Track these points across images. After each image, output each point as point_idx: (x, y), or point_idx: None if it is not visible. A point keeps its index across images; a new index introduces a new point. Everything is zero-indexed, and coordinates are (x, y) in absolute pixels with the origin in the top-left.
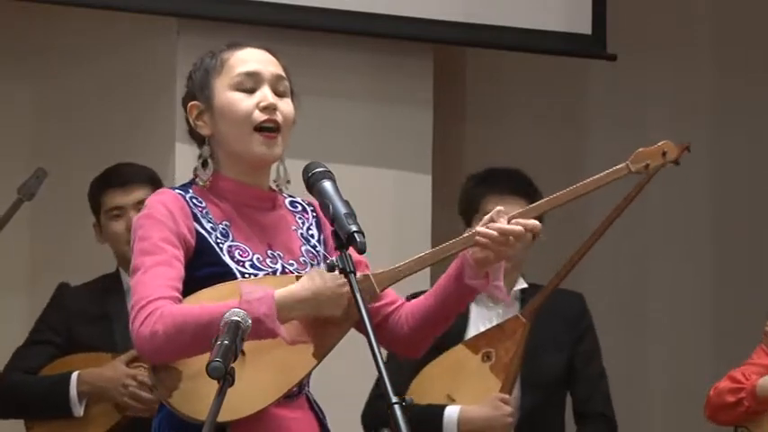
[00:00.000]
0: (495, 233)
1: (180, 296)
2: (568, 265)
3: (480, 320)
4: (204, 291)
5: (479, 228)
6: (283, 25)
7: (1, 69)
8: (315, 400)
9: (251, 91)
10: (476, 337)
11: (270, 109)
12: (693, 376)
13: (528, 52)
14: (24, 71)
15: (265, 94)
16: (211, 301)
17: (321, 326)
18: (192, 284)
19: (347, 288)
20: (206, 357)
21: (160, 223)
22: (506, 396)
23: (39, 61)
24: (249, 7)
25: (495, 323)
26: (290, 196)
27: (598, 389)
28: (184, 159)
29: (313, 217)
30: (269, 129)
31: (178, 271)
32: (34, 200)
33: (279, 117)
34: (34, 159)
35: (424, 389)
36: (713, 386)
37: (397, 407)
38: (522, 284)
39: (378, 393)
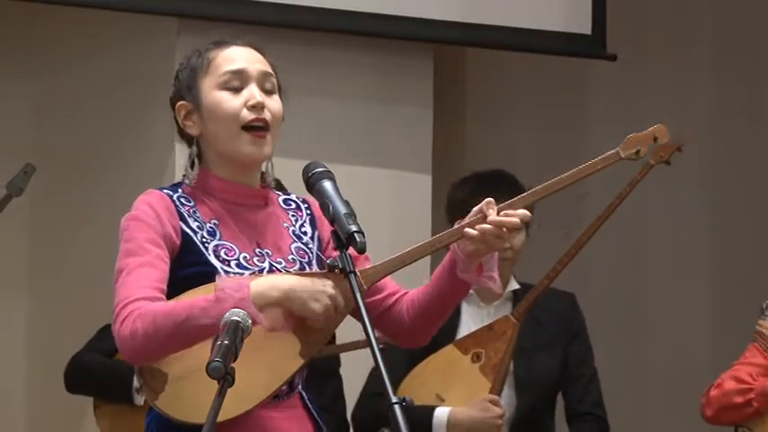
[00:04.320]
0: (488, 227)
1: (162, 296)
2: (559, 265)
3: (472, 319)
4: (188, 293)
5: (468, 221)
6: (283, 25)
7: (1, 69)
8: (311, 399)
9: (238, 89)
10: (466, 337)
11: (258, 108)
12: (693, 376)
13: (528, 52)
14: (24, 71)
15: (252, 92)
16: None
17: (306, 325)
18: (177, 284)
19: (327, 284)
20: (190, 359)
21: (145, 224)
22: (496, 398)
23: (39, 61)
24: (249, 7)
25: (486, 322)
26: (285, 194)
27: (590, 389)
28: (184, 159)
29: (307, 214)
30: (257, 128)
31: (161, 272)
32: (34, 200)
33: (267, 115)
34: (34, 159)
35: (414, 388)
36: (710, 387)
37: (397, 407)
38: (514, 285)
39: (373, 392)
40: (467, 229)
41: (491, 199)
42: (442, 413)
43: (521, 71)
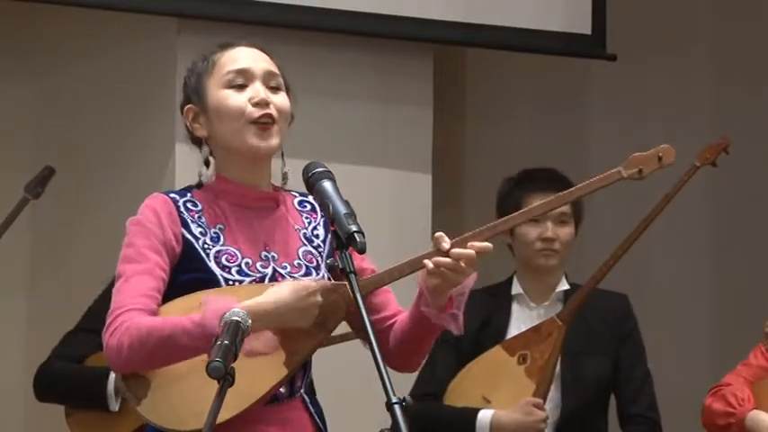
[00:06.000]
0: (443, 260)
1: (156, 306)
2: (605, 266)
3: (521, 320)
4: (176, 300)
5: (427, 252)
6: (283, 25)
7: (1, 69)
8: (313, 403)
9: (242, 87)
10: (512, 338)
11: (262, 104)
12: (693, 378)
13: (528, 52)
14: (25, 71)
15: (257, 89)
16: (179, 313)
17: (292, 335)
18: (176, 289)
19: (314, 299)
20: (173, 367)
21: (146, 230)
22: (539, 401)
23: (39, 61)
24: (249, 7)
25: (535, 323)
26: (301, 195)
27: (643, 391)
28: (184, 159)
29: (321, 216)
30: (264, 123)
31: (158, 280)
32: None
33: (273, 111)
34: (34, 159)
35: (462, 389)
36: (709, 392)
37: (397, 407)
38: (564, 285)
39: (422, 393)
40: (424, 261)
41: (441, 233)
42: (485, 416)
43: (521, 71)
